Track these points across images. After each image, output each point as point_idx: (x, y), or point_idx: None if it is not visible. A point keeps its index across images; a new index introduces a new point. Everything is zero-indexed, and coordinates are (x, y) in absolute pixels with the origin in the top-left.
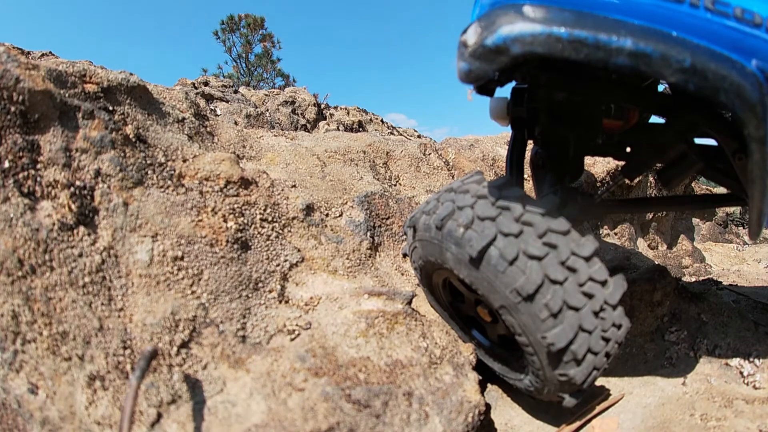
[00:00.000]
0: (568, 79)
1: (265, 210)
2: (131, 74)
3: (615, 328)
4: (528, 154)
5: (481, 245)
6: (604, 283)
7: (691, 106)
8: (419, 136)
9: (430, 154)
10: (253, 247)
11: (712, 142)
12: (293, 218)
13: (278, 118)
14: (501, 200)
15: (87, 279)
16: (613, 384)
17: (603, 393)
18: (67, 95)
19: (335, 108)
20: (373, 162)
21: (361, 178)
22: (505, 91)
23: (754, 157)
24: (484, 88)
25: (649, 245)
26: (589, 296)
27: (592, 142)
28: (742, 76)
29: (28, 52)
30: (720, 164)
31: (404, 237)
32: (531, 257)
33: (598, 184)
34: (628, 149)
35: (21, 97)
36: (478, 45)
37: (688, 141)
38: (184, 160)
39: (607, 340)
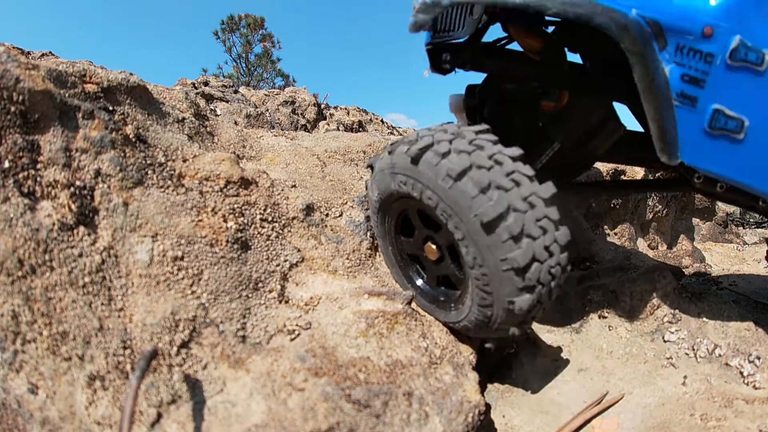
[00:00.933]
0: (503, 63)
1: (265, 210)
2: (131, 74)
3: (560, 268)
4: None
5: (457, 172)
6: (557, 224)
7: (607, 76)
8: None
9: None
10: (253, 247)
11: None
12: (293, 218)
13: (278, 118)
14: (477, 140)
15: (87, 279)
16: (613, 384)
17: (603, 393)
18: (67, 95)
19: (335, 108)
20: None
21: (361, 178)
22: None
23: (636, 69)
24: (438, 67)
25: (649, 245)
26: (544, 231)
27: (534, 123)
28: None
29: (28, 52)
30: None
31: None
32: (498, 188)
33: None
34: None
35: (21, 97)
36: (421, 2)
37: (607, 105)
38: (184, 160)
39: (553, 276)
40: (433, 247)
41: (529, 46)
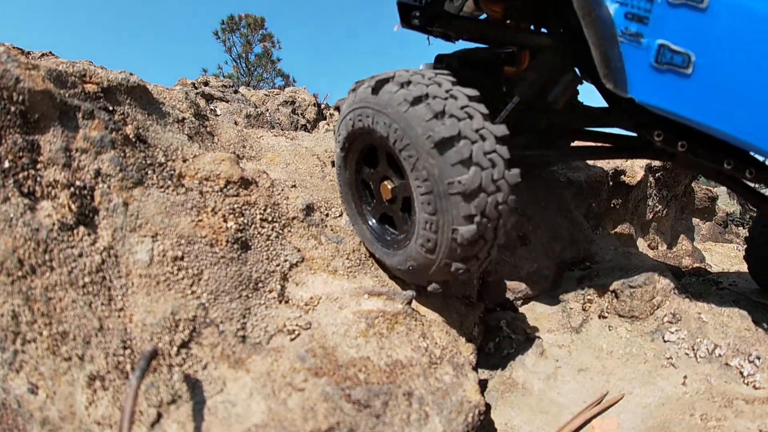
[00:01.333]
0: (469, 25)
1: (265, 210)
2: (131, 74)
3: (506, 206)
4: None
5: (413, 96)
6: (507, 163)
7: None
8: None
9: None
10: (253, 247)
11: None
12: (293, 218)
13: (278, 118)
14: (437, 77)
15: (87, 279)
16: (613, 384)
17: (603, 393)
18: (67, 95)
19: (335, 108)
20: None
21: None
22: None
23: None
24: (408, 22)
25: (649, 245)
26: (493, 164)
27: (498, 87)
28: None
29: (28, 52)
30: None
31: None
32: (451, 116)
33: (598, 183)
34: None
35: (21, 97)
36: None
37: (564, 59)
38: (184, 160)
39: (499, 213)
40: (387, 185)
41: (492, 13)
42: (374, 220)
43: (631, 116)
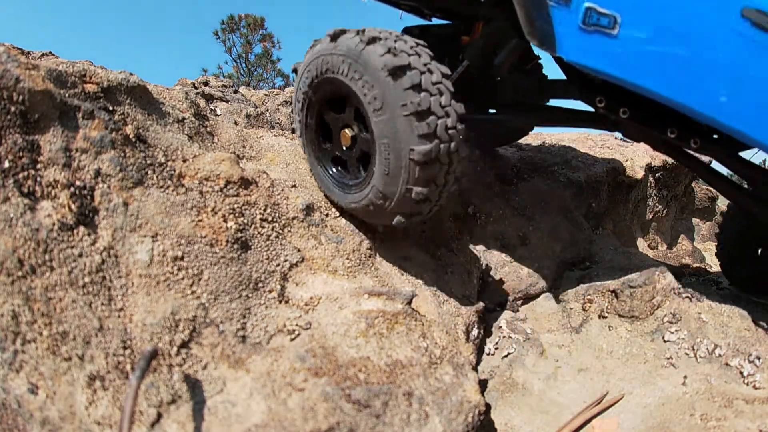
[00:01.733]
0: (426, 2)
1: (265, 210)
2: (131, 74)
3: (453, 177)
4: None
5: (396, 65)
6: (461, 122)
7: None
8: None
9: None
10: (253, 247)
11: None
12: (293, 218)
13: (278, 118)
14: (417, 47)
15: (87, 279)
16: (613, 384)
17: (603, 393)
18: (67, 95)
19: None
20: None
21: None
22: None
23: None
24: None
25: (649, 245)
26: (451, 138)
27: (456, 56)
28: None
29: (28, 52)
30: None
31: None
32: (427, 91)
33: (598, 183)
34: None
35: (21, 97)
36: None
37: (510, 27)
38: (184, 160)
39: (446, 182)
40: (348, 133)
41: None
42: (335, 169)
43: (577, 84)
